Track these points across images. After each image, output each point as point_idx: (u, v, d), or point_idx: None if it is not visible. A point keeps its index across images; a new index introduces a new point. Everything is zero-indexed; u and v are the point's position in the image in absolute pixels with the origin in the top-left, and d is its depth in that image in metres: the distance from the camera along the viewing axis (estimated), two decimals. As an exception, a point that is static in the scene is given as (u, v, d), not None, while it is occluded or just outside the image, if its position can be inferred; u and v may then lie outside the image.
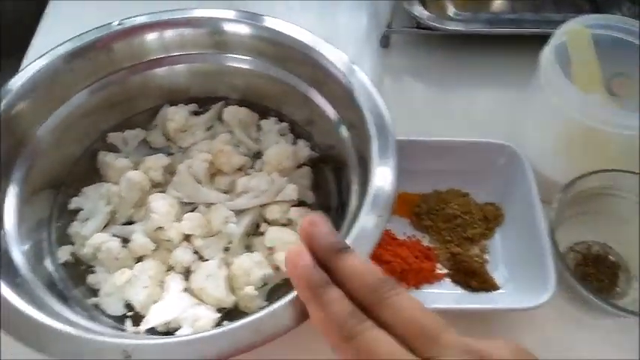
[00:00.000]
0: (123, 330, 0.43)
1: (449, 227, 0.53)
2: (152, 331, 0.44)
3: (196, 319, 0.43)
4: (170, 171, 0.52)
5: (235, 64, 0.52)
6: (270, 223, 0.50)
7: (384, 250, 0.50)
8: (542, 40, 0.51)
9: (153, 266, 0.46)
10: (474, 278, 0.50)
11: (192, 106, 0.56)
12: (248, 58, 0.51)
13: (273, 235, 0.47)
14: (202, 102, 0.57)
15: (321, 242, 0.29)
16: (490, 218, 0.54)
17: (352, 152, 0.48)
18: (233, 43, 0.51)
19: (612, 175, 0.51)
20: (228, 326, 0.35)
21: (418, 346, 0.25)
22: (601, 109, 0.48)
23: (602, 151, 0.51)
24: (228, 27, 0.50)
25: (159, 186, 0.52)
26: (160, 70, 0.52)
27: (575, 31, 0.50)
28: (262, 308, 0.36)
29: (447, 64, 0.69)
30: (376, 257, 0.49)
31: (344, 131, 0.50)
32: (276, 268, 0.47)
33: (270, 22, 0.49)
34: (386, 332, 0.25)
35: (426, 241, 0.53)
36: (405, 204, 0.55)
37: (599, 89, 0.51)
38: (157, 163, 0.51)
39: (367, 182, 0.42)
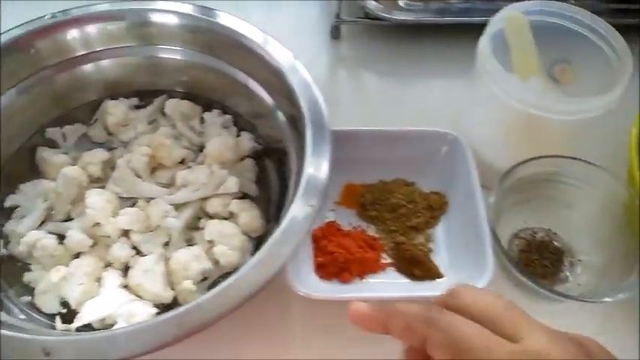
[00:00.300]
0: (54, 328, 0.43)
1: (394, 217, 0.53)
2: (89, 328, 0.44)
3: (132, 315, 0.43)
4: (111, 166, 0.51)
5: (167, 56, 0.51)
6: (212, 216, 0.49)
7: (328, 242, 0.49)
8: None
9: (89, 263, 0.46)
10: (417, 267, 0.49)
11: (134, 100, 0.55)
12: (179, 48, 0.51)
13: (213, 228, 0.47)
14: (147, 95, 0.56)
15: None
16: (435, 207, 0.53)
17: (292, 144, 0.48)
18: (162, 35, 0.50)
19: (554, 160, 0.51)
20: (152, 320, 0.35)
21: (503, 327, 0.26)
22: (539, 95, 0.48)
23: (542, 137, 0.51)
24: (156, 18, 0.49)
25: (99, 181, 0.51)
26: (87, 67, 0.52)
27: (512, 17, 0.50)
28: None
29: (399, 54, 0.69)
30: (320, 249, 0.49)
31: (284, 123, 0.49)
32: (216, 262, 0.46)
33: (201, 12, 0.48)
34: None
35: (371, 231, 0.53)
36: (351, 195, 0.54)
37: (539, 75, 0.52)
38: (95, 157, 0.50)
39: (301, 172, 0.42)
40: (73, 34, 0.50)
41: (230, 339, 0.46)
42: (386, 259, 0.51)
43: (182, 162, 0.52)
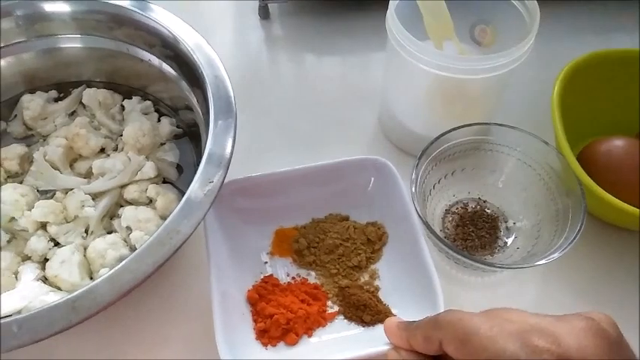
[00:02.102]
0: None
1: (332, 259, 0.48)
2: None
3: (47, 306, 0.42)
4: (30, 160, 0.51)
5: (66, 45, 0.51)
6: (131, 203, 0.49)
7: (267, 303, 0.45)
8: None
9: (5, 257, 0.45)
10: (366, 312, 0.45)
11: (53, 93, 0.55)
12: (77, 36, 0.50)
13: (128, 214, 0.46)
14: (67, 87, 0.56)
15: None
16: (373, 240, 0.49)
17: (203, 127, 0.47)
18: (57, 24, 0.49)
19: (477, 128, 0.50)
20: (45, 306, 0.35)
21: None
22: (453, 58, 0.47)
23: (463, 99, 0.51)
24: (49, 7, 0.48)
25: (17, 176, 0.51)
26: None
27: (420, -18, 0.49)
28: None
29: (329, 30, 0.68)
30: (259, 313, 0.45)
31: (197, 108, 0.49)
32: (134, 248, 0.46)
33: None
34: None
35: (312, 279, 0.48)
36: (283, 242, 0.50)
37: (453, 40, 0.51)
38: (11, 152, 0.50)
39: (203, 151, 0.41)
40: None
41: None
42: (332, 307, 0.46)
43: (102, 151, 0.52)
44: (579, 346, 0.25)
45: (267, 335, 0.44)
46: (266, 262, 0.49)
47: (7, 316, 0.42)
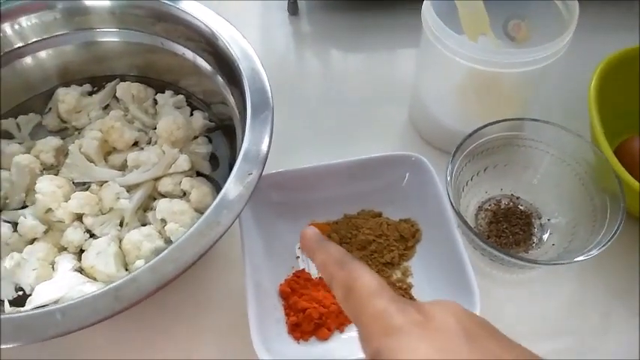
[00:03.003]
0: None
1: (365, 255, 0.48)
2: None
3: (84, 296, 0.43)
4: (65, 153, 0.51)
5: (104, 39, 0.51)
6: (164, 195, 0.49)
7: (299, 297, 0.45)
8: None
9: (42, 248, 0.46)
10: None
11: (87, 87, 0.55)
12: (115, 30, 0.51)
13: (163, 206, 0.47)
14: (101, 82, 0.56)
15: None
16: (407, 237, 0.48)
17: (238, 121, 0.47)
18: (96, 18, 0.50)
19: (511, 124, 0.50)
20: (88, 295, 0.35)
21: None
22: (489, 51, 0.47)
23: (498, 94, 0.51)
24: (89, 2, 0.49)
25: (52, 168, 0.51)
26: (27, 59, 0.52)
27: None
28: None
29: (358, 26, 0.68)
30: (291, 307, 0.44)
31: (231, 100, 0.49)
32: (169, 240, 0.46)
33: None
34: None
35: None
36: None
37: (489, 34, 0.51)
38: (47, 145, 0.51)
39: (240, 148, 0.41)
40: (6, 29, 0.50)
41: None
42: None
43: (136, 144, 0.52)
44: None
45: (300, 329, 0.44)
46: (298, 257, 0.49)
47: (44, 305, 0.42)
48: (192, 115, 0.54)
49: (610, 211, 0.45)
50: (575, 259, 0.43)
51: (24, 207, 0.50)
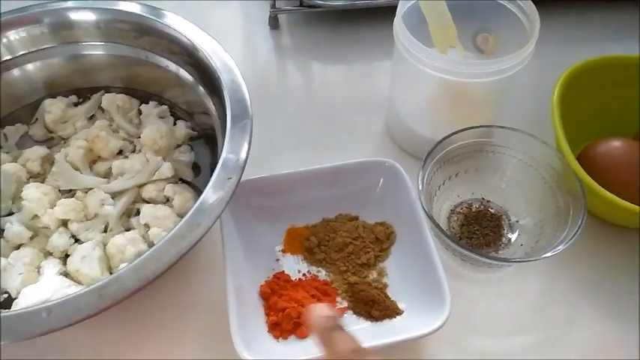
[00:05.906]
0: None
1: (342, 256, 0.50)
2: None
3: (69, 299, 0.44)
4: (51, 162, 0.53)
5: (89, 52, 0.53)
6: (148, 201, 0.51)
7: (279, 297, 0.46)
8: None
9: (28, 253, 0.47)
10: (374, 307, 0.46)
11: (72, 98, 0.57)
12: (100, 43, 0.53)
13: (146, 211, 0.48)
14: (86, 93, 0.58)
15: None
16: (382, 239, 0.51)
17: (220, 130, 0.49)
18: (81, 32, 0.52)
19: (480, 131, 0.52)
20: (73, 294, 0.36)
21: None
22: (457, 62, 0.49)
23: (467, 102, 0.53)
24: (75, 16, 0.51)
25: (39, 176, 0.53)
26: (15, 71, 0.54)
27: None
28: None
29: (338, 39, 0.71)
30: (271, 307, 0.46)
31: (213, 110, 0.51)
32: (152, 245, 0.48)
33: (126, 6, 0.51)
34: None
35: (322, 275, 0.50)
36: (295, 240, 0.51)
37: (458, 46, 0.53)
38: (34, 154, 0.52)
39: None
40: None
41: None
42: (342, 302, 0.48)
43: (120, 152, 0.54)
44: None
45: (279, 328, 0.45)
46: (278, 259, 0.51)
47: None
48: (175, 124, 0.56)
49: (573, 210, 0.48)
50: (543, 256, 0.45)
51: (10, 214, 0.51)
